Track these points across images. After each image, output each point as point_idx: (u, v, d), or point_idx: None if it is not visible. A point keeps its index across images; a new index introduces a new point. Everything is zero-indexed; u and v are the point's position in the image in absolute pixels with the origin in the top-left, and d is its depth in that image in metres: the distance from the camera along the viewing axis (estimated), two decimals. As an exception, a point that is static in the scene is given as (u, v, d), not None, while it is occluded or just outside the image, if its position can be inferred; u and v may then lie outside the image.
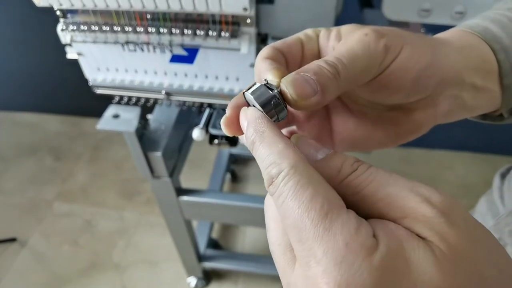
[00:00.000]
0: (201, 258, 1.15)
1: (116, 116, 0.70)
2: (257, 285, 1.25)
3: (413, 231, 0.16)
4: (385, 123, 0.26)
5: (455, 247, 0.15)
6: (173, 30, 0.58)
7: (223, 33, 0.57)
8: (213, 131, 0.75)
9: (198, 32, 0.57)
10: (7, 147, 1.73)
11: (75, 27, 0.60)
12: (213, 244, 1.27)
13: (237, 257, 1.22)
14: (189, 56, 0.63)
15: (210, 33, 0.57)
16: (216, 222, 1.37)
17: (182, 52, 0.63)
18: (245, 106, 0.21)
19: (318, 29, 0.25)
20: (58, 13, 0.60)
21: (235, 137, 0.77)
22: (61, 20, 0.60)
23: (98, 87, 0.70)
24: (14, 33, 1.53)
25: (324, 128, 0.27)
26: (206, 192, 0.92)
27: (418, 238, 0.15)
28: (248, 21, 0.56)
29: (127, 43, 0.62)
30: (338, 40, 0.23)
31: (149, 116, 0.82)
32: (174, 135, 0.82)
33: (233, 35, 0.57)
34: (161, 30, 0.58)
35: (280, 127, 0.26)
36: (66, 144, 1.75)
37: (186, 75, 0.66)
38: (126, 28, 0.59)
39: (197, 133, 0.74)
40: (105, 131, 0.69)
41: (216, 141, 0.78)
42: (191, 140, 0.92)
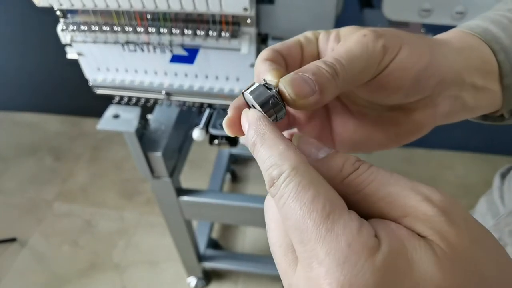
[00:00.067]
0: (201, 258, 1.15)
1: (116, 116, 0.70)
2: (257, 285, 1.25)
3: (414, 230, 0.16)
4: (385, 124, 0.26)
5: (455, 247, 0.15)
6: (173, 30, 0.58)
7: (223, 33, 0.57)
8: (213, 131, 0.75)
9: (198, 32, 0.57)
10: (7, 147, 1.73)
11: (75, 27, 0.60)
12: (213, 244, 1.27)
13: (237, 257, 1.22)
14: (189, 56, 0.63)
15: (210, 33, 0.57)
16: (216, 222, 1.37)
17: (182, 52, 0.63)
18: (246, 107, 0.21)
19: (318, 31, 0.25)
20: (58, 13, 0.60)
21: (235, 137, 0.77)
22: (61, 20, 0.60)
23: (98, 87, 0.70)
24: (14, 33, 1.53)
25: (325, 130, 0.27)
26: (206, 192, 0.92)
27: (419, 238, 0.15)
28: (248, 21, 0.56)
29: (127, 43, 0.62)
30: (337, 42, 0.23)
31: (149, 116, 0.82)
32: (174, 135, 0.82)
33: (233, 35, 0.57)
34: (161, 30, 0.58)
35: (281, 129, 0.26)
36: (66, 144, 1.75)
37: (186, 75, 0.66)
38: (126, 28, 0.59)
39: (197, 133, 0.74)
40: (105, 131, 0.69)
41: (216, 141, 0.78)
42: (191, 140, 0.92)
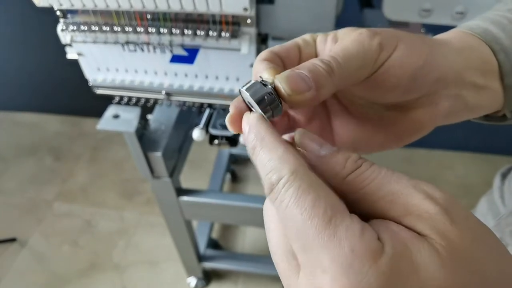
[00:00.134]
0: (201, 258, 1.15)
1: (116, 116, 0.70)
2: (257, 285, 1.24)
3: (415, 229, 0.16)
4: (386, 124, 0.26)
5: (457, 246, 0.15)
6: (173, 30, 0.58)
7: (223, 33, 0.57)
8: (213, 131, 0.75)
9: (198, 32, 0.57)
10: (7, 147, 1.73)
11: (75, 27, 0.60)
12: (213, 244, 1.27)
13: (237, 257, 1.22)
14: (189, 56, 0.63)
15: (210, 33, 0.57)
16: (216, 222, 1.37)
17: (182, 52, 0.63)
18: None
19: (316, 34, 0.25)
20: (58, 13, 0.60)
21: (235, 138, 0.77)
22: (61, 20, 0.60)
23: (98, 87, 0.70)
24: (14, 33, 1.53)
25: (325, 131, 0.27)
26: (206, 192, 0.92)
27: (422, 239, 0.15)
28: (249, 21, 0.56)
29: (127, 43, 0.62)
30: (335, 43, 0.23)
31: (149, 116, 0.82)
32: (174, 135, 0.82)
33: (234, 35, 0.57)
34: (161, 30, 0.58)
35: (281, 132, 0.26)
36: (66, 144, 1.75)
37: (186, 75, 0.66)
38: (126, 28, 0.59)
39: (197, 133, 0.74)
40: (105, 131, 0.69)
41: (216, 141, 0.78)
42: (191, 140, 0.92)
